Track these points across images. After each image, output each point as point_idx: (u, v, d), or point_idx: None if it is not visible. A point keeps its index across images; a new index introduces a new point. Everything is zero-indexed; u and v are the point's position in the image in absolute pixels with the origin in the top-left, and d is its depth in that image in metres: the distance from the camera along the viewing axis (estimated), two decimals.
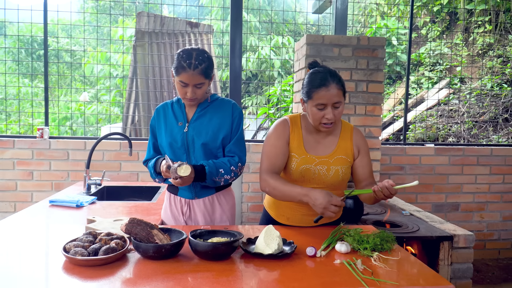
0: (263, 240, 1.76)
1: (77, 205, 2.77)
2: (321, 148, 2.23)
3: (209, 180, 2.21)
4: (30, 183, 4.23)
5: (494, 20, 8.09)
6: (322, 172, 2.19)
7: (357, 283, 1.52)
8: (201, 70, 2.13)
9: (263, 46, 10.15)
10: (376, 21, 9.33)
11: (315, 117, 2.11)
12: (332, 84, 2.05)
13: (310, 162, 2.19)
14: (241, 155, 2.32)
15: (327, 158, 2.20)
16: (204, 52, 2.20)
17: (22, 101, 8.86)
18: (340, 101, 2.08)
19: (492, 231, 4.79)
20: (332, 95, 2.05)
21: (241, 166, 2.31)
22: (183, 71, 2.12)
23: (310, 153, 2.21)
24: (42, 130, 4.22)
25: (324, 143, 2.24)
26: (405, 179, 4.55)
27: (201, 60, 2.13)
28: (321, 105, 2.07)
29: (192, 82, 2.14)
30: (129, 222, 1.72)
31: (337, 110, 2.09)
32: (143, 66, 5.88)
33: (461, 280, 2.78)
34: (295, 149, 2.21)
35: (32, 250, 1.82)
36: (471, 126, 6.59)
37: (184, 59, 2.12)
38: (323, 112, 2.08)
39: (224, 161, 2.27)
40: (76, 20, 11.09)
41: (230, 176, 2.27)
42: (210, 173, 2.19)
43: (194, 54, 2.14)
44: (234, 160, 2.29)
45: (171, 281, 1.49)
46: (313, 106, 2.10)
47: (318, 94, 2.06)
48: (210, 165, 2.20)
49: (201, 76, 2.14)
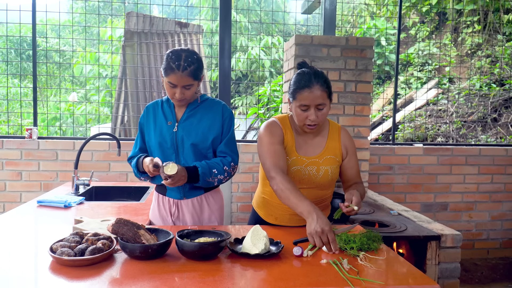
0: (250, 240, 1.77)
1: (65, 206, 2.76)
2: (310, 149, 2.24)
3: (202, 181, 2.21)
4: (19, 183, 4.21)
5: (483, 20, 8.16)
6: (312, 173, 2.20)
7: (343, 282, 1.53)
8: (189, 72, 2.13)
9: (253, 47, 10.16)
10: (365, 22, 9.37)
11: (299, 118, 2.12)
12: (316, 86, 2.05)
13: (301, 163, 2.20)
14: (233, 155, 2.33)
15: (317, 159, 2.22)
16: (193, 54, 2.19)
17: (12, 102, 8.80)
18: (324, 103, 2.08)
19: (480, 231, 4.83)
20: (315, 96, 2.05)
21: (234, 165, 2.32)
22: (172, 72, 2.12)
23: (300, 154, 2.22)
24: (30, 130, 4.20)
25: (313, 144, 2.25)
26: (394, 179, 4.58)
27: (190, 62, 2.13)
28: (305, 106, 2.08)
29: (181, 83, 2.14)
30: (116, 223, 1.71)
31: (321, 112, 2.09)
32: (132, 66, 5.87)
33: (449, 280, 2.80)
34: (288, 150, 2.22)
35: (19, 250, 1.81)
36: (460, 126, 6.65)
37: (173, 61, 2.12)
38: (307, 113, 2.08)
39: (217, 161, 2.27)
40: (65, 21, 11.03)
41: (224, 176, 2.28)
42: (203, 174, 2.19)
43: (183, 56, 2.14)
44: (227, 160, 2.29)
45: (157, 281, 1.49)
46: (297, 107, 2.11)
47: (302, 95, 2.07)
48: (203, 166, 2.20)
49: (190, 77, 2.14)
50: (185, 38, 6.24)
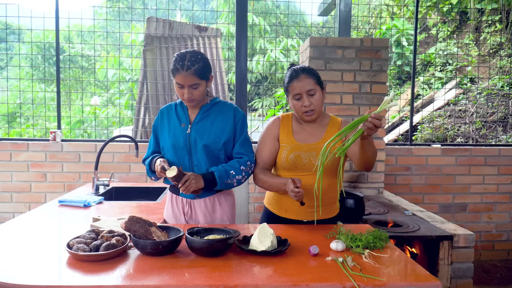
0: (257, 237, 1.83)
1: (85, 205, 2.87)
2: (309, 137, 2.37)
3: (221, 183, 2.28)
4: (44, 184, 4.36)
5: (505, 19, 8.03)
6: (312, 157, 2.30)
7: (346, 278, 1.58)
8: (194, 71, 2.21)
9: (272, 49, 10.21)
10: (385, 22, 9.32)
11: (296, 108, 2.31)
12: (302, 75, 2.28)
13: (300, 149, 2.32)
14: (249, 154, 2.40)
15: (316, 145, 2.32)
16: (197, 54, 2.28)
17: (38, 106, 9.06)
18: (313, 89, 2.27)
19: (501, 232, 4.77)
20: (304, 84, 2.26)
21: (250, 164, 2.38)
22: (177, 72, 2.22)
23: (299, 141, 2.36)
24: (54, 133, 4.35)
25: (313, 132, 2.38)
26: (412, 179, 4.57)
27: (193, 61, 2.22)
28: (297, 95, 2.28)
29: (187, 82, 2.22)
30: (128, 220, 1.80)
31: (313, 98, 2.28)
32: (152, 70, 6.00)
33: (462, 280, 2.80)
34: (285, 139, 2.37)
35: (39, 246, 1.90)
36: (480, 126, 6.56)
37: (178, 61, 2.22)
38: (301, 102, 2.28)
39: (233, 162, 2.34)
40: (89, 26, 11.29)
41: (242, 175, 2.34)
42: (220, 177, 2.26)
43: (187, 56, 2.23)
44: (243, 160, 2.36)
45: (167, 276, 1.56)
46: (292, 99, 2.32)
47: (292, 86, 2.29)
48: (220, 170, 2.28)
49: (195, 76, 2.22)
50: (204, 42, 6.35)
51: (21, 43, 9.11)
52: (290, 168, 2.33)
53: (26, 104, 8.43)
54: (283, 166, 2.35)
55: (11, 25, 9.32)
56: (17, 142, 4.34)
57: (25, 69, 10.92)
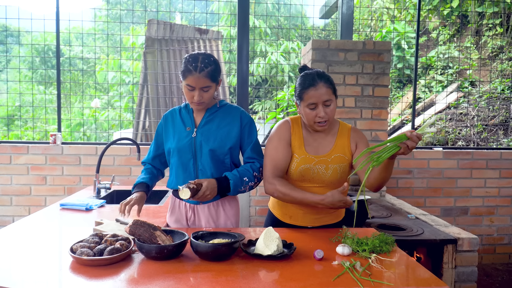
0: (263, 241, 1.81)
1: (86, 208, 2.84)
2: (319, 148, 2.29)
3: (234, 192, 2.25)
4: (44, 187, 4.33)
5: (505, 23, 8.04)
6: (321, 171, 2.24)
7: (353, 283, 1.56)
8: (207, 73, 2.17)
9: (273, 52, 10.21)
10: (386, 25, 9.32)
11: (309, 117, 2.19)
12: (320, 83, 2.14)
13: (309, 162, 2.24)
14: (261, 159, 2.37)
15: (326, 157, 2.25)
16: (210, 56, 2.24)
17: (37, 108, 9.04)
18: (330, 99, 2.16)
19: (502, 235, 4.76)
20: (321, 93, 2.13)
21: (261, 170, 2.35)
22: (190, 74, 2.16)
23: (310, 153, 2.26)
24: (55, 136, 4.32)
25: (322, 142, 2.30)
26: (413, 183, 4.55)
27: (207, 63, 2.17)
28: (312, 105, 2.16)
29: (199, 85, 2.18)
30: (133, 224, 1.78)
31: (329, 108, 2.16)
32: (153, 73, 5.98)
33: (466, 284, 2.79)
34: (296, 149, 2.27)
35: (41, 250, 1.88)
36: (481, 130, 6.56)
37: (190, 63, 2.16)
38: (315, 112, 2.16)
39: (247, 168, 2.30)
40: (89, 28, 11.27)
41: (254, 182, 2.31)
42: (235, 186, 2.23)
43: (200, 58, 2.18)
44: (255, 166, 2.33)
45: (172, 281, 1.54)
46: (305, 107, 2.18)
47: (308, 94, 2.15)
48: (235, 178, 2.23)
49: (207, 79, 2.18)
50: (205, 44, 6.34)
51: (20, 45, 9.08)
52: (297, 179, 2.27)
53: (25, 107, 8.40)
54: (290, 175, 2.29)
55: (10, 27, 9.30)
56: (17, 145, 4.31)
57: (23, 71, 10.90)
